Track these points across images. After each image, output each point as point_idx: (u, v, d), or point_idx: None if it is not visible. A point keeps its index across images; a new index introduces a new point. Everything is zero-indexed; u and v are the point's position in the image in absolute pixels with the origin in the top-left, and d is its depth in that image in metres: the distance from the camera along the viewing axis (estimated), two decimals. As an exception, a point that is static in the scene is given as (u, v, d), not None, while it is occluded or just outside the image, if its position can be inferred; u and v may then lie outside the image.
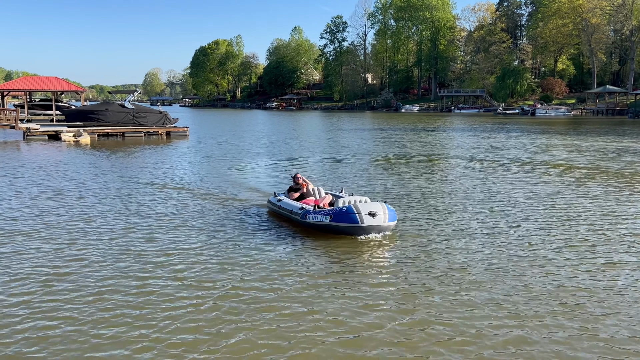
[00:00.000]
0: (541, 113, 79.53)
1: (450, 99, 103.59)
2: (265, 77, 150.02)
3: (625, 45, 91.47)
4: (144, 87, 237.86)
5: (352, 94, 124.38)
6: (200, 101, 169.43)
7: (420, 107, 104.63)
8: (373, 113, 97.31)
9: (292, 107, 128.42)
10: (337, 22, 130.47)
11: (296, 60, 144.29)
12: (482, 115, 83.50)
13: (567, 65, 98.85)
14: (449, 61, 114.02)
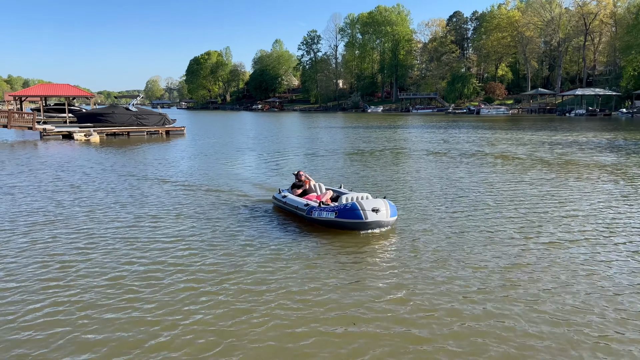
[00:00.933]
0: (485, 112, 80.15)
1: (409, 101, 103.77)
2: (251, 83, 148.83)
3: (553, 54, 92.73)
4: (146, 92, 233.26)
5: (325, 97, 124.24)
6: (195, 104, 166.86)
7: (384, 108, 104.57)
8: (344, 113, 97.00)
9: (274, 109, 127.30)
10: (312, 35, 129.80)
11: (277, 68, 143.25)
12: (435, 114, 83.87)
13: (505, 72, 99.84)
14: (407, 68, 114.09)
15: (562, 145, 25.74)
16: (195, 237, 8.87)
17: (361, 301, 6.00)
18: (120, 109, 38.02)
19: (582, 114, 69.15)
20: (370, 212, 8.69)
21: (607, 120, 57.85)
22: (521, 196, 12.20)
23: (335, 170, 17.41)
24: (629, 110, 68.03)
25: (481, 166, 17.99)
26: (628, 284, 6.43)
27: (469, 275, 6.77)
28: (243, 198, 12.42)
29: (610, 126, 43.89)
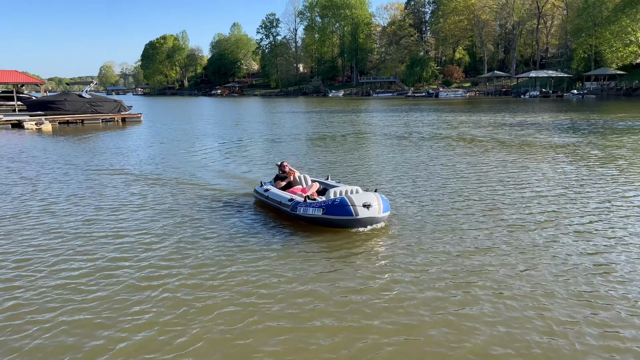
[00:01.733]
0: (443, 95, 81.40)
1: (369, 85, 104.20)
2: (209, 67, 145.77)
3: (508, 37, 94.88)
4: (100, 78, 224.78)
5: (286, 81, 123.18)
6: (152, 90, 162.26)
7: (344, 92, 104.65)
8: (305, 98, 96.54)
9: (234, 94, 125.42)
10: (270, 18, 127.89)
11: (236, 52, 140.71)
12: (395, 98, 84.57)
13: (463, 55, 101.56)
14: (367, 52, 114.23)
15: (521, 127, 26.40)
16: (164, 234, 8.22)
17: (355, 301, 5.94)
18: (73, 96, 36.56)
19: (536, 96, 71.21)
20: (361, 207, 7.89)
21: (560, 101, 59.77)
22: (485, 178, 12.41)
23: (302, 156, 17.27)
24: (580, 92, 70.53)
25: (446, 149, 18.22)
26: (589, 264, 6.62)
27: (447, 263, 6.82)
28: (215, 191, 11.56)
29: (563, 107, 45.36)
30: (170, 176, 13.55)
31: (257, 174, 13.44)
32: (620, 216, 8.73)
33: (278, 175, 10.24)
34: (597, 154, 16.27)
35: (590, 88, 70.89)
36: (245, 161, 16.18)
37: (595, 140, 19.85)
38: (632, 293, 5.66)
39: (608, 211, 9.09)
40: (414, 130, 25.65)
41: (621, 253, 6.92)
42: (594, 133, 22.71)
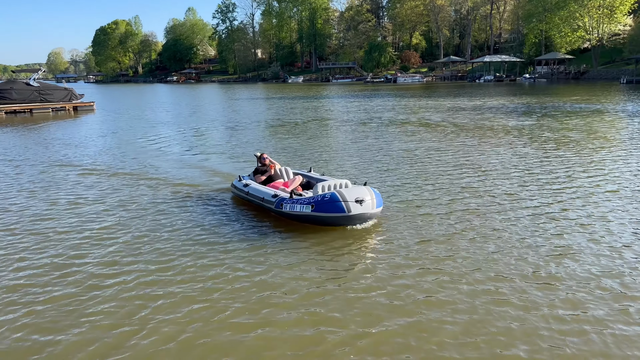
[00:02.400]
0: (401, 80, 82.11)
1: (329, 71, 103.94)
2: (164, 53, 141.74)
3: (463, 23, 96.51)
4: (48, 65, 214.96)
5: (244, 67, 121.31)
6: (105, 77, 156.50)
7: (304, 78, 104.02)
8: (265, 84, 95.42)
9: (191, 81, 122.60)
10: (227, 3, 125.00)
11: (192, 38, 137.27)
12: (355, 83, 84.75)
13: (419, 40, 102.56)
14: (325, 38, 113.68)
15: (479, 111, 26.90)
16: (128, 235, 7.55)
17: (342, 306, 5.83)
18: (20, 84, 34.78)
19: (490, 80, 72.88)
20: (354, 203, 7.25)
21: (513, 85, 61.38)
22: (448, 163, 12.55)
23: (265, 144, 17.00)
24: (532, 76, 72.67)
25: (409, 135, 18.34)
26: (551, 247, 6.77)
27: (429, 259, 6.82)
28: (183, 185, 10.72)
29: (516, 91, 46.60)
30: (130, 168, 13.00)
31: (225, 166, 13.00)
32: (577, 197, 8.99)
33: (258, 169, 9.41)
34: (552, 136, 16.74)
35: (541, 72, 73.10)
36: (209, 151, 15.70)
37: (550, 123, 20.44)
38: (589, 273, 5.82)
39: (567, 193, 9.34)
40: (377, 116, 25.73)
41: (580, 234, 7.10)
42: (548, 116, 23.39)
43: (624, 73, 58.63)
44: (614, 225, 7.39)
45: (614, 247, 6.56)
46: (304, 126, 22.03)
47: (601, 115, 23.22)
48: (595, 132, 17.60)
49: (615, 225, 7.42)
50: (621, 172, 10.93)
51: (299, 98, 44.96)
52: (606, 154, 13.13)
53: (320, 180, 8.77)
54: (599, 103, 29.95)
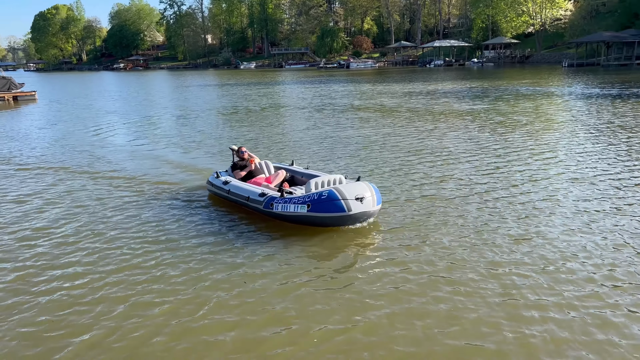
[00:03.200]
0: (354, 66, 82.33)
1: (281, 56, 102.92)
2: (109, 40, 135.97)
3: (413, 8, 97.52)
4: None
5: (194, 53, 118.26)
6: (46, 65, 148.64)
7: (256, 64, 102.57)
8: (216, 70, 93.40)
9: (139, 68, 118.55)
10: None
11: (138, 23, 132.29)
12: (308, 69, 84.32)
13: (371, 25, 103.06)
14: (277, 23, 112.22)
15: (433, 96, 27.24)
16: (86, 241, 6.68)
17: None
18: (-48, 73, 32.45)
19: (441, 65, 74.20)
20: (354, 201, 6.60)
21: (462, 69, 62.74)
22: (405, 148, 12.59)
23: (219, 131, 16.54)
24: (480, 60, 74.52)
25: (367, 120, 18.31)
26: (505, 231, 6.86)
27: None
28: (148, 183, 9.70)
29: (466, 75, 47.61)
30: (79, 163, 12.20)
31: (188, 159, 12.33)
32: (533, 180, 9.18)
33: (236, 164, 8.53)
34: (503, 120, 17.12)
35: (488, 56, 74.99)
36: (166, 142, 14.98)
37: (501, 107, 20.92)
38: (547, 257, 5.92)
39: (523, 176, 9.52)
40: (334, 102, 25.60)
41: (536, 218, 7.23)
42: (498, 99, 23.95)
43: (566, 57, 60.96)
44: (567, 207, 7.57)
45: (570, 228, 6.71)
46: (261, 113, 21.62)
47: (548, 98, 23.99)
48: (544, 114, 18.14)
49: (568, 206, 7.60)
50: (571, 154, 11.26)
51: (253, 84, 44.21)
52: (557, 137, 13.52)
53: (305, 175, 8.18)
54: (545, 86, 30.98)
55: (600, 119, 16.25)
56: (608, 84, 31.06)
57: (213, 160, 11.81)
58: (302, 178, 8.25)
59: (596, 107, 19.47)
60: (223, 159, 11.94)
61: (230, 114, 22.05)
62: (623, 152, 11.26)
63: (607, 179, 9.06)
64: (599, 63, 55.98)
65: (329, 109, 22.26)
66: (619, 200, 7.79)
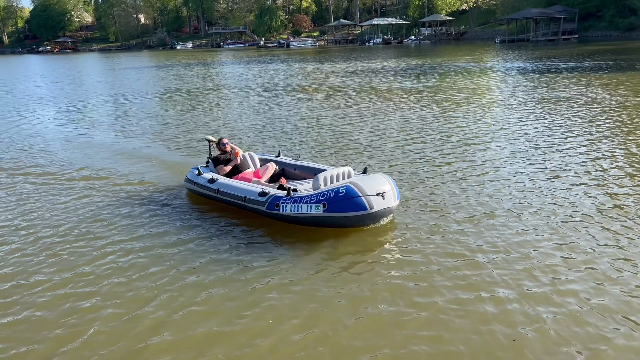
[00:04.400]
0: (294, 45, 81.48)
1: (219, 36, 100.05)
2: (32, 21, 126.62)
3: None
4: None
5: (127, 34, 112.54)
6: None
7: (193, 44, 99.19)
8: (151, 52, 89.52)
9: (67, 50, 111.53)
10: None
11: (64, 3, 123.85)
12: (248, 49, 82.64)
13: (310, 4, 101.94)
14: (213, 1, 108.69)
15: (377, 74, 27.43)
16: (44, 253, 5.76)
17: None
18: None
19: (380, 43, 74.80)
20: (375, 197, 5.81)
21: (401, 47, 63.57)
22: (356, 126, 12.61)
23: (159, 117, 15.90)
24: (417, 38, 75.73)
25: (316, 100, 18.18)
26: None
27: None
28: (101, 179, 8.60)
29: (405, 53, 48.28)
30: (18, 159, 11.47)
31: (134, 146, 11.88)
32: (474, 153, 9.46)
33: (219, 158, 7.57)
34: (447, 97, 17.53)
35: (425, 34, 76.35)
36: (107, 129, 14.29)
37: (442, 84, 21.40)
38: (492, 237, 6.13)
39: (463, 151, 9.79)
40: (281, 83, 25.23)
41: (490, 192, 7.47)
42: (438, 76, 24.47)
43: (498, 33, 63.14)
44: (514, 182, 7.87)
45: (518, 209, 6.98)
46: (204, 96, 20.97)
47: (485, 73, 24.78)
48: (483, 89, 18.73)
49: (513, 181, 7.90)
50: (512, 127, 11.70)
51: (193, 65, 42.75)
52: (497, 111, 14.00)
53: (299, 167, 7.44)
54: (481, 62, 31.97)
55: (532, 92, 16.96)
56: (537, 58, 32.48)
57: (163, 148, 11.33)
58: (294, 171, 7.45)
59: (528, 81, 20.31)
60: (174, 145, 11.51)
61: (169, 97, 21.24)
62: (557, 120, 11.82)
63: (546, 144, 9.48)
64: (528, 39, 58.40)
65: (276, 90, 21.93)
66: (558, 165, 8.18)
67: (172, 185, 8.22)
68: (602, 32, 56.89)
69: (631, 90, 16.55)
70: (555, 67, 25.73)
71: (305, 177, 7.34)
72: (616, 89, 16.94)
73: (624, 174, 7.81)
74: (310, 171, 7.33)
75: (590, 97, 15.53)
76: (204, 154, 9.81)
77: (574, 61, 28.79)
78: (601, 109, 13.45)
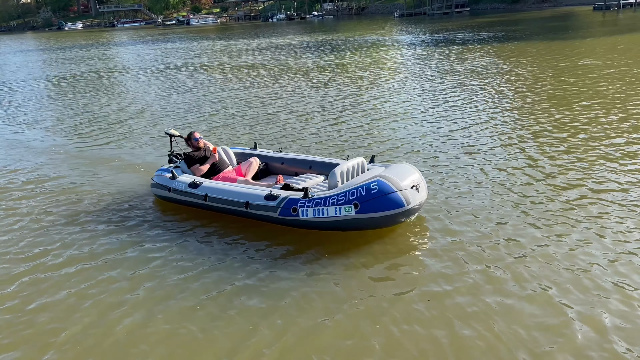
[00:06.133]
0: (195, 22, 78.39)
1: (112, 14, 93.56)
2: None
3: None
4: None
5: (6, 14, 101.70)
6: None
7: (84, 24, 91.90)
8: (35, 33, 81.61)
9: None
10: None
11: None
12: (144, 27, 78.06)
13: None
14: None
15: (287, 50, 27.02)
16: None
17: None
18: None
19: (283, 19, 74.02)
20: (410, 190, 5.00)
21: (304, 23, 63.31)
22: (275, 105, 12.33)
23: (58, 105, 14.50)
24: (320, 13, 75.88)
25: (229, 80, 17.52)
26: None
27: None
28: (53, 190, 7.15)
29: (310, 29, 48.14)
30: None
31: (33, 136, 10.74)
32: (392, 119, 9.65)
33: (192, 156, 6.25)
34: (362, 73, 17.69)
35: (327, 9, 76.69)
36: (6, 120, 12.78)
37: (352, 58, 21.56)
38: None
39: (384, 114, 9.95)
40: (187, 62, 24.00)
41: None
42: (348, 51, 24.64)
43: (397, 7, 64.95)
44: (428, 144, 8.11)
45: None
46: (102, 80, 19.41)
47: (389, 47, 25.36)
48: (390, 62, 19.14)
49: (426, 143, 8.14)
50: (425, 101, 12.06)
51: (85, 47, 39.50)
52: (406, 81, 14.36)
53: (287, 161, 6.40)
54: (384, 36, 32.70)
55: (432, 63, 17.62)
56: (434, 32, 33.84)
57: (73, 142, 10.33)
58: (281, 165, 6.41)
59: (429, 53, 21.08)
60: (76, 139, 10.52)
61: (61, 83, 19.45)
62: (456, 88, 12.38)
63: (455, 114, 9.88)
64: (425, 12, 60.70)
65: (185, 70, 20.82)
66: (455, 124, 8.56)
67: (119, 188, 6.80)
68: (491, 5, 60.58)
69: (522, 58, 17.74)
70: (450, 39, 26.92)
71: (298, 172, 6.27)
72: (514, 58, 18.07)
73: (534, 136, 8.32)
74: (302, 165, 6.25)
75: (485, 66, 16.41)
76: (123, 143, 9.04)
77: (470, 33, 30.31)
78: (503, 78, 14.27)
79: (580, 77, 13.08)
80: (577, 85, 12.13)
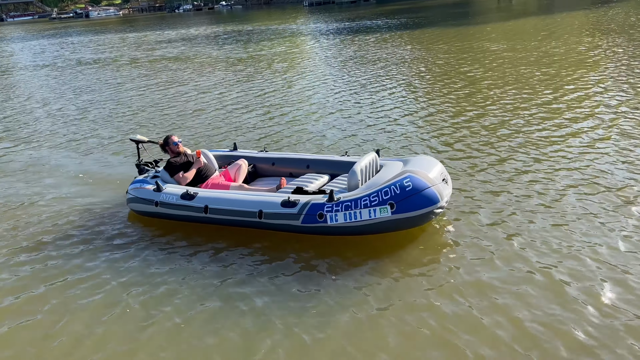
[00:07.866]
0: (94, 15, 73.62)
1: (0, 8, 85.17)
2: None
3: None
4: None
5: None
6: None
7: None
8: None
9: None
10: None
11: None
12: (38, 21, 71.96)
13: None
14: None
15: (199, 42, 26.05)
16: None
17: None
18: None
19: (190, 10, 71.56)
20: (442, 184, 4.69)
21: (213, 13, 61.62)
22: (196, 96, 11.82)
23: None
24: (228, 3, 74.15)
25: (153, 76, 16.52)
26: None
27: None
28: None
29: (219, 19, 46.90)
30: None
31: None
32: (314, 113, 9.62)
33: (173, 163, 5.45)
34: (284, 65, 17.46)
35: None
36: None
37: (265, 48, 21.25)
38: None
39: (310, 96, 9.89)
40: (101, 57, 22.39)
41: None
42: (260, 41, 24.25)
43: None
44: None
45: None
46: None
47: (302, 36, 25.31)
48: (302, 51, 19.10)
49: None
50: (342, 89, 12.15)
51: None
52: (324, 69, 14.41)
53: (277, 161, 5.82)
54: (296, 24, 32.60)
55: (343, 50, 17.86)
56: (344, 19, 34.29)
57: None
58: (272, 166, 5.80)
59: (340, 41, 21.33)
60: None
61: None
62: (369, 72, 12.63)
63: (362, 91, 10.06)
64: (333, 1, 61.32)
65: (91, 67, 19.41)
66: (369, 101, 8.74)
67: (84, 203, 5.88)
68: (395, -7, 62.41)
69: (433, 44, 18.45)
70: (359, 26, 27.41)
71: (293, 173, 5.70)
72: (425, 44, 18.72)
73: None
74: (298, 164, 5.68)
75: (397, 52, 16.87)
76: (20, 148, 8.17)
77: (377, 20, 31.01)
78: (416, 63, 14.73)
79: (481, 61, 13.83)
80: (483, 67, 12.83)
